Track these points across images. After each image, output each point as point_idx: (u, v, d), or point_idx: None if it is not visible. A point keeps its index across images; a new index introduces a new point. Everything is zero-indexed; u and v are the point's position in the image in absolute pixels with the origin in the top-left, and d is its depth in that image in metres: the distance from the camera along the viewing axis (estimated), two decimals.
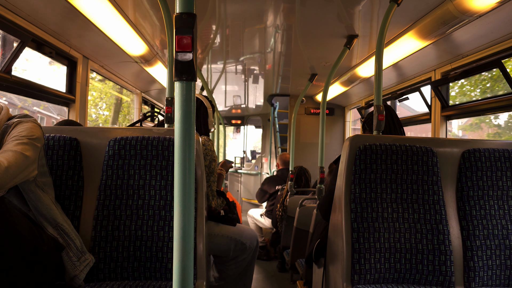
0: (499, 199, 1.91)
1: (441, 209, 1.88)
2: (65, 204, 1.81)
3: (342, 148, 2.02)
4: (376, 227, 1.84)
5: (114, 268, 1.77)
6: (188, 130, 0.88)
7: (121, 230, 1.79)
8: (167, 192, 1.84)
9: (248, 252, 2.51)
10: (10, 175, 1.34)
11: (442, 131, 3.29)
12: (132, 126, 2.62)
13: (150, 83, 4.67)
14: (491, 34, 2.46)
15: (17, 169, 1.37)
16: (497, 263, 1.85)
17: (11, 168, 1.34)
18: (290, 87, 5.78)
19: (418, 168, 1.92)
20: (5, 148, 1.41)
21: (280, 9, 2.71)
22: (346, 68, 4.21)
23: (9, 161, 1.34)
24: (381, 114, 2.15)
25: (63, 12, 2.35)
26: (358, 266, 1.80)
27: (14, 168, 1.35)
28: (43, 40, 2.52)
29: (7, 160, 1.34)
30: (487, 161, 1.94)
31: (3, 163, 1.32)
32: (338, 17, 2.74)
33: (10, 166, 1.34)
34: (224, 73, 4.96)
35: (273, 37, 3.37)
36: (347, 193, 1.90)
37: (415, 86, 3.72)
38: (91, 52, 3.15)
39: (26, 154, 1.42)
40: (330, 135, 6.18)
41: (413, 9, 2.46)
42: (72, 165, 1.86)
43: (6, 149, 1.40)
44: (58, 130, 1.93)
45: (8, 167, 1.33)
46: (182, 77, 0.86)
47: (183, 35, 0.84)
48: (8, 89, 2.33)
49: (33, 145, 1.48)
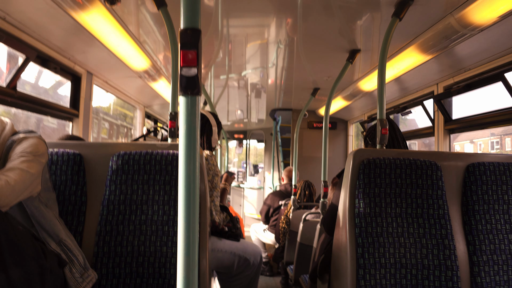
0: (505, 213, 1.89)
1: (447, 224, 1.86)
2: (68, 219, 1.80)
3: (344, 162, 2.01)
4: (381, 242, 1.82)
5: (117, 285, 1.75)
6: (193, 144, 0.88)
7: (124, 245, 1.78)
8: (170, 207, 1.83)
9: (252, 268, 2.48)
10: (16, 193, 1.37)
11: (446, 144, 3.28)
12: (135, 141, 2.62)
13: (153, 98, 4.69)
14: (493, 47, 2.47)
15: (23, 187, 1.40)
16: (504, 279, 1.82)
17: (17, 186, 1.37)
18: (292, 102, 5.79)
19: (422, 182, 1.90)
20: (11, 165, 1.43)
21: (282, 24, 2.73)
22: (348, 82, 4.22)
23: (15, 180, 1.36)
24: (385, 128, 2.14)
25: (68, 28, 2.38)
26: (363, 282, 1.77)
27: (20, 186, 1.38)
28: (47, 56, 2.55)
29: (13, 179, 1.36)
30: (492, 174, 1.93)
31: (9, 182, 1.34)
32: (340, 32, 2.76)
33: (16, 184, 1.37)
34: (227, 87, 4.99)
35: (275, 52, 3.39)
36: (351, 207, 1.88)
37: (418, 100, 3.72)
38: (95, 67, 3.18)
39: (31, 172, 1.44)
40: (332, 149, 6.17)
41: (415, 24, 2.48)
42: (76, 180, 1.86)
43: (13, 167, 1.42)
44: (61, 145, 1.93)
45: (15, 186, 1.36)
46: (187, 92, 0.86)
47: (188, 50, 0.84)
48: (13, 105, 2.34)
49: (38, 161, 1.50)
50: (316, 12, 2.44)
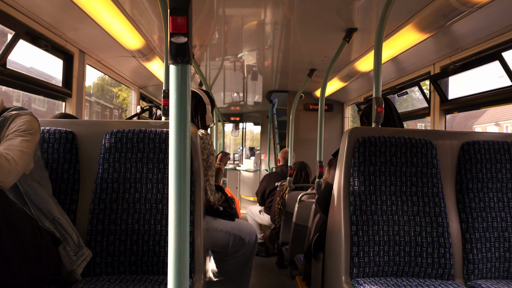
0: (498, 191, 1.90)
1: (441, 202, 1.86)
2: (61, 197, 1.79)
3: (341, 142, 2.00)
4: (375, 220, 1.82)
5: (111, 263, 1.75)
6: (183, 115, 0.85)
7: (118, 224, 1.78)
8: (164, 186, 1.82)
9: (247, 247, 2.49)
10: (18, 173, 1.40)
11: (441, 125, 3.27)
12: (129, 119, 2.60)
13: (148, 79, 4.64)
14: (491, 26, 2.44)
15: (23, 167, 1.42)
16: (496, 256, 1.84)
17: (21, 169, 1.40)
18: (289, 83, 5.75)
19: (417, 160, 1.90)
20: (12, 144, 1.42)
21: (278, 4, 2.68)
22: (345, 63, 4.18)
23: (19, 163, 1.38)
24: (380, 106, 2.13)
25: (58, 4, 2.32)
26: (357, 259, 1.78)
27: (21, 167, 1.40)
28: (38, 33, 2.49)
29: (18, 162, 1.38)
30: (486, 153, 1.93)
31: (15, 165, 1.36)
32: (337, 10, 2.72)
33: (21, 167, 1.39)
34: (223, 69, 4.94)
35: (271, 33, 3.35)
36: (345, 186, 1.88)
37: (415, 80, 3.70)
38: (87, 46, 3.13)
39: (28, 151, 1.45)
40: (329, 131, 6.16)
41: (413, 1, 2.44)
42: (68, 158, 1.84)
43: (14, 147, 1.41)
44: (53, 123, 1.91)
45: (20, 169, 1.39)
46: (177, 60, 0.84)
47: (178, 16, 0.82)
48: (3, 82, 2.30)
49: (33, 139, 1.50)
50: None
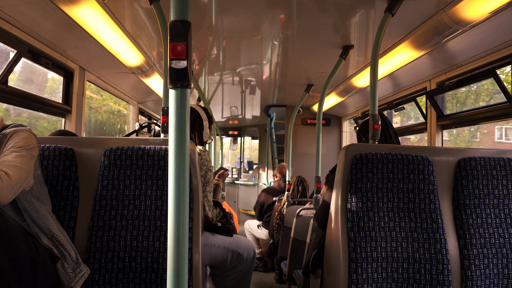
0: (495, 207, 1.91)
1: (438, 218, 1.87)
2: (60, 214, 1.80)
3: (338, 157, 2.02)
4: (373, 237, 1.83)
5: (109, 280, 1.75)
6: (182, 137, 0.87)
7: (116, 240, 1.78)
8: (162, 202, 1.82)
9: (245, 263, 2.48)
10: (15, 191, 1.40)
11: (438, 140, 3.30)
12: (128, 136, 2.61)
13: (147, 94, 4.68)
14: (485, 43, 2.49)
15: (20, 184, 1.42)
16: (494, 272, 1.84)
17: (16, 184, 1.40)
18: (286, 98, 5.80)
19: (414, 177, 1.91)
20: (6, 160, 1.43)
21: (276, 21, 2.73)
22: (342, 78, 4.23)
23: (13, 178, 1.38)
24: (377, 123, 2.15)
25: (59, 23, 2.36)
26: (355, 276, 1.78)
27: (18, 184, 1.40)
28: (39, 51, 2.53)
29: (12, 177, 1.38)
30: (482, 169, 1.94)
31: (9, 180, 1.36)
32: (334, 28, 2.77)
33: (15, 183, 1.39)
34: (221, 84, 4.98)
35: (269, 48, 3.39)
36: (343, 202, 1.89)
37: (411, 96, 3.74)
38: (87, 63, 3.16)
39: (24, 167, 1.45)
40: (326, 145, 6.18)
41: (408, 20, 2.49)
42: (68, 175, 1.85)
43: (8, 162, 1.43)
44: (53, 140, 1.93)
45: (14, 184, 1.39)
46: (177, 84, 0.86)
47: (178, 43, 0.84)
48: (4, 100, 2.32)
49: (30, 155, 1.51)
50: (309, 7, 2.44)
